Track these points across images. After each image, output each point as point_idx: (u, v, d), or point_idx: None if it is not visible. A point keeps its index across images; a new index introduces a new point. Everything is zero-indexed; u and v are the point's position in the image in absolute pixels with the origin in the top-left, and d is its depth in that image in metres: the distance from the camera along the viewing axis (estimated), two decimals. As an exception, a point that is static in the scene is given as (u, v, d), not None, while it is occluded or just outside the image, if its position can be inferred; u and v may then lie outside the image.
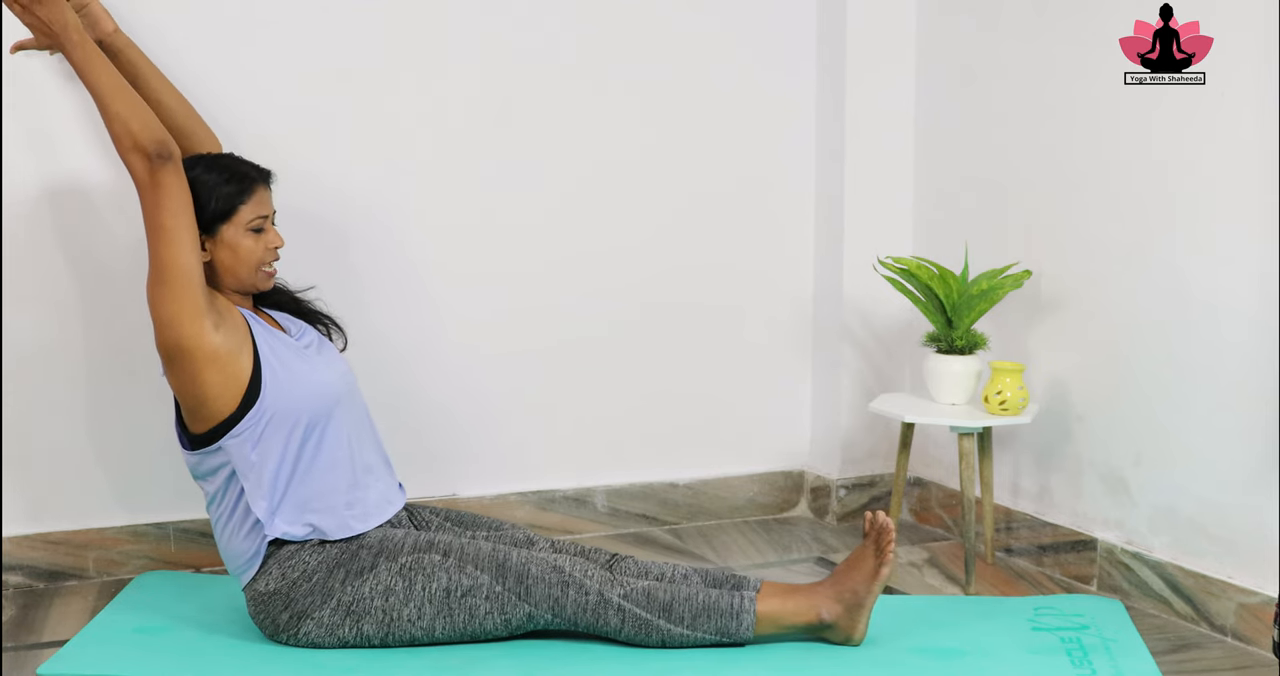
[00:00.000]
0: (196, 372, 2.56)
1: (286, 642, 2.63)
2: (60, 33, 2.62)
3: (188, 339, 2.55)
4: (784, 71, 3.69)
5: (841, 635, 2.63)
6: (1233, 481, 2.82)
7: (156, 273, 2.54)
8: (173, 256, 2.53)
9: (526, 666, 2.54)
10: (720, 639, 2.60)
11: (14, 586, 3.10)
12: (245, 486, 2.61)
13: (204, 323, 2.55)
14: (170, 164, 2.53)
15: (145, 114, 2.55)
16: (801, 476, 3.82)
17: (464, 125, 3.39)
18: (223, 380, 2.58)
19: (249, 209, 2.66)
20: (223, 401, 2.59)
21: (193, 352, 2.55)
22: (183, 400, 2.62)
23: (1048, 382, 3.27)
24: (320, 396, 2.67)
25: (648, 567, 2.73)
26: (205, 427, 2.61)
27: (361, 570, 2.59)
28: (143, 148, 2.52)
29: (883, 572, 2.59)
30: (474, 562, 2.59)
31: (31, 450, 3.11)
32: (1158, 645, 2.75)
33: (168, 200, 2.53)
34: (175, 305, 2.54)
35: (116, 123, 2.54)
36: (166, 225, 2.53)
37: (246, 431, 2.59)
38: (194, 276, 2.55)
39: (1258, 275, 2.73)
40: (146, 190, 2.53)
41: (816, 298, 3.78)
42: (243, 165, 2.69)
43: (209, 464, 2.64)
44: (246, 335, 2.63)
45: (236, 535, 2.63)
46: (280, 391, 2.62)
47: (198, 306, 2.55)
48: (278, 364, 2.64)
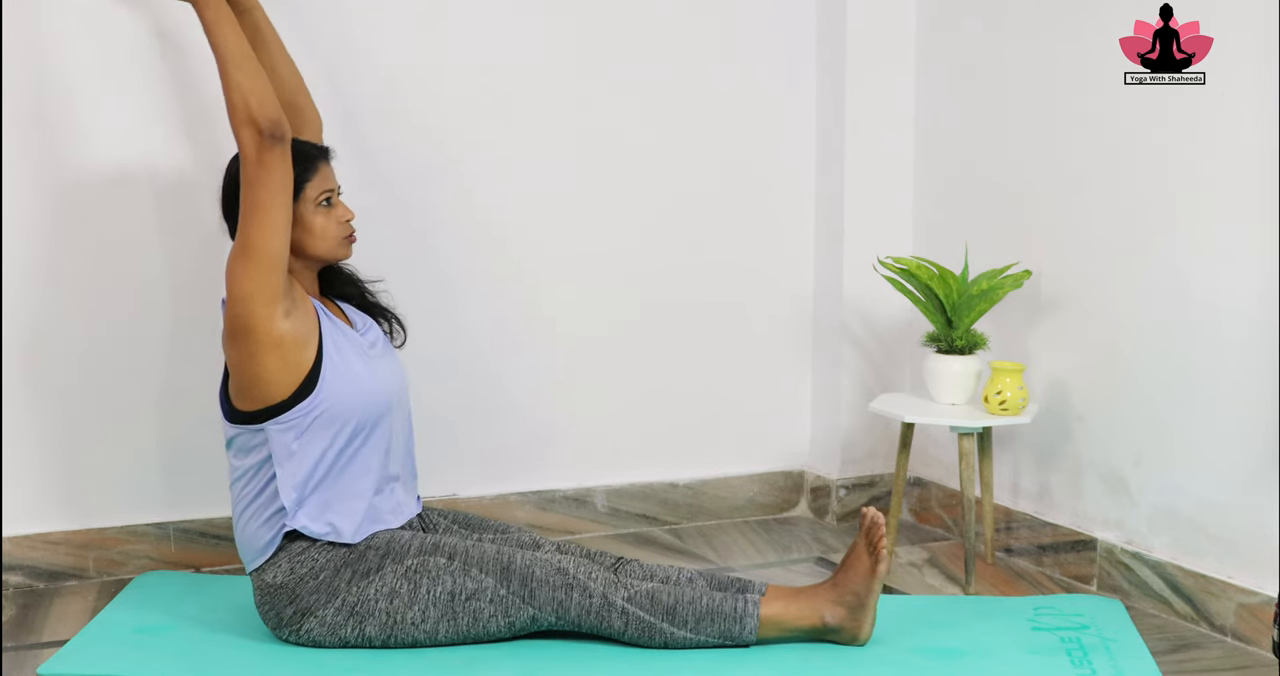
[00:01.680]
0: (258, 353, 2.55)
1: (287, 638, 2.63)
2: None
3: (258, 320, 2.54)
4: (784, 71, 3.69)
5: (847, 636, 2.63)
6: (1233, 481, 2.82)
7: (243, 249, 2.53)
8: (263, 237, 2.53)
9: (528, 666, 2.54)
10: (723, 642, 2.61)
11: (14, 586, 3.10)
12: (278, 473, 2.60)
13: (277, 307, 2.55)
14: (280, 146, 2.52)
15: (266, 89, 2.54)
16: (801, 476, 3.82)
17: (460, 125, 3.39)
18: (282, 366, 2.57)
19: (314, 185, 2.66)
20: (277, 387, 2.58)
21: (259, 334, 2.54)
22: (236, 376, 2.60)
23: (1048, 382, 3.27)
24: (374, 401, 2.67)
25: (653, 570, 2.73)
26: (252, 407, 2.60)
27: (368, 571, 2.59)
28: (257, 124, 2.50)
29: (879, 569, 2.59)
30: (479, 566, 2.59)
31: (31, 450, 3.11)
32: (1158, 645, 2.75)
33: (270, 180, 2.52)
34: (254, 284, 2.53)
35: (236, 92, 2.52)
36: (264, 205, 2.52)
37: (294, 421, 2.59)
38: (279, 260, 2.54)
39: (1258, 275, 2.73)
40: (251, 166, 2.52)
41: (816, 297, 3.78)
42: (301, 145, 2.68)
43: (246, 441, 2.64)
44: (315, 327, 2.63)
45: (256, 519, 2.63)
46: (337, 390, 2.62)
47: (275, 290, 2.54)
48: (340, 361, 2.64)
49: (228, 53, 2.56)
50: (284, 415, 2.59)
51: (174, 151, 3.15)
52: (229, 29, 2.58)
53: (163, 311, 3.20)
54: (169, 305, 3.20)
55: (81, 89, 3.08)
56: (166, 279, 3.19)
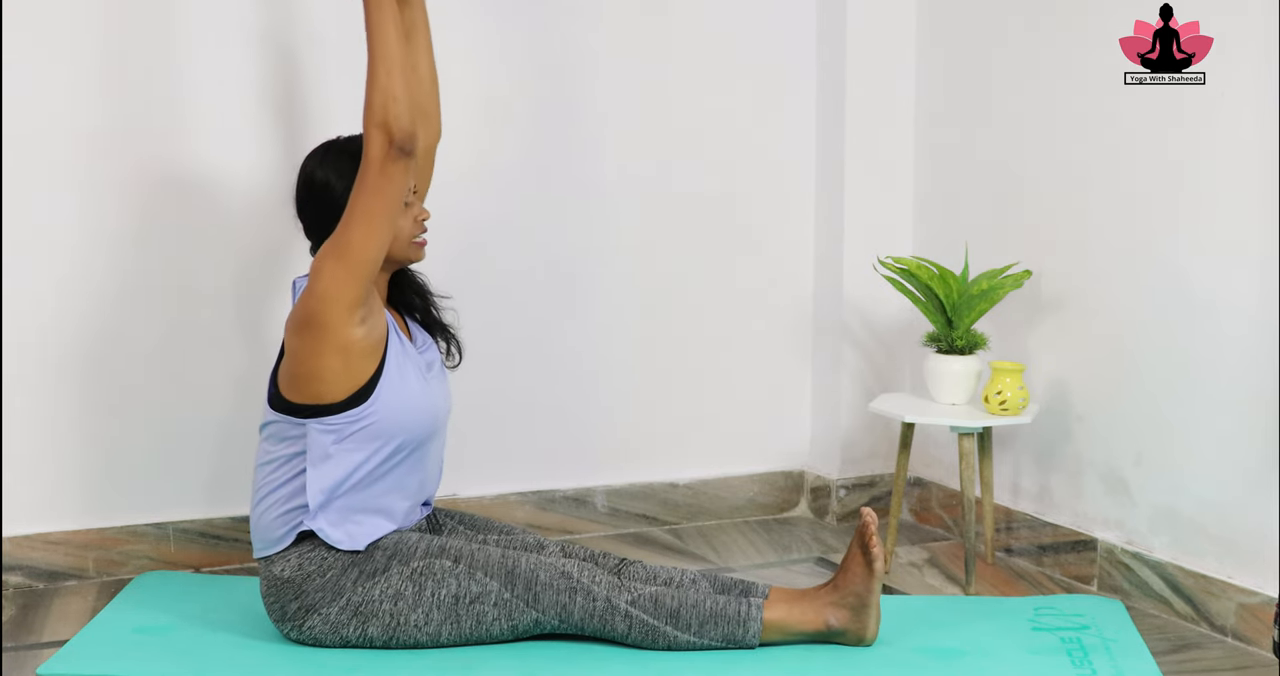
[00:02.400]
0: (323, 352, 2.54)
1: (289, 632, 2.62)
2: None
3: (333, 319, 2.51)
4: (784, 71, 3.69)
5: (853, 638, 2.63)
6: (1233, 481, 2.82)
7: (341, 249, 2.50)
8: (364, 243, 2.50)
9: (529, 667, 2.54)
10: (726, 645, 2.60)
11: (14, 586, 3.10)
12: (309, 472, 2.59)
13: (355, 314, 2.53)
14: (407, 159, 2.49)
15: (409, 99, 2.49)
16: (801, 476, 3.82)
17: (457, 124, 3.38)
18: (343, 370, 2.56)
19: None
20: (332, 389, 2.56)
21: (330, 334, 2.52)
22: (293, 365, 2.59)
23: (1048, 382, 3.27)
24: (423, 422, 2.67)
25: (655, 572, 2.73)
26: (300, 400, 2.59)
27: (374, 572, 2.58)
28: (390, 132, 2.47)
29: (876, 568, 2.59)
30: (484, 569, 2.59)
31: (31, 450, 3.11)
32: (1158, 645, 2.75)
33: (387, 190, 2.49)
34: (339, 286, 2.50)
35: (380, 95, 2.48)
36: (374, 212, 2.50)
37: (339, 426, 2.58)
38: (373, 268, 2.53)
39: (1258, 275, 2.73)
40: (372, 172, 2.49)
41: (817, 297, 3.78)
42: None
43: (283, 430, 2.63)
44: (383, 339, 2.61)
45: (275, 509, 2.62)
46: (390, 405, 2.60)
47: (359, 296, 2.52)
48: (399, 379, 2.62)
49: (384, 53, 2.49)
50: (331, 417, 2.58)
51: (197, 152, 3.16)
52: (392, 28, 2.51)
53: (166, 311, 3.19)
54: (171, 305, 3.20)
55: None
56: (163, 279, 3.19)
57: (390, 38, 2.50)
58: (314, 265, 2.55)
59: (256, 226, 3.23)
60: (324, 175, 2.64)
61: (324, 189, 2.63)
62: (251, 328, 3.27)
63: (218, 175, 3.20)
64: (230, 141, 3.19)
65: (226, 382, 3.25)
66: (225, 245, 3.23)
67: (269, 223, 3.22)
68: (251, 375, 3.26)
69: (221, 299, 3.24)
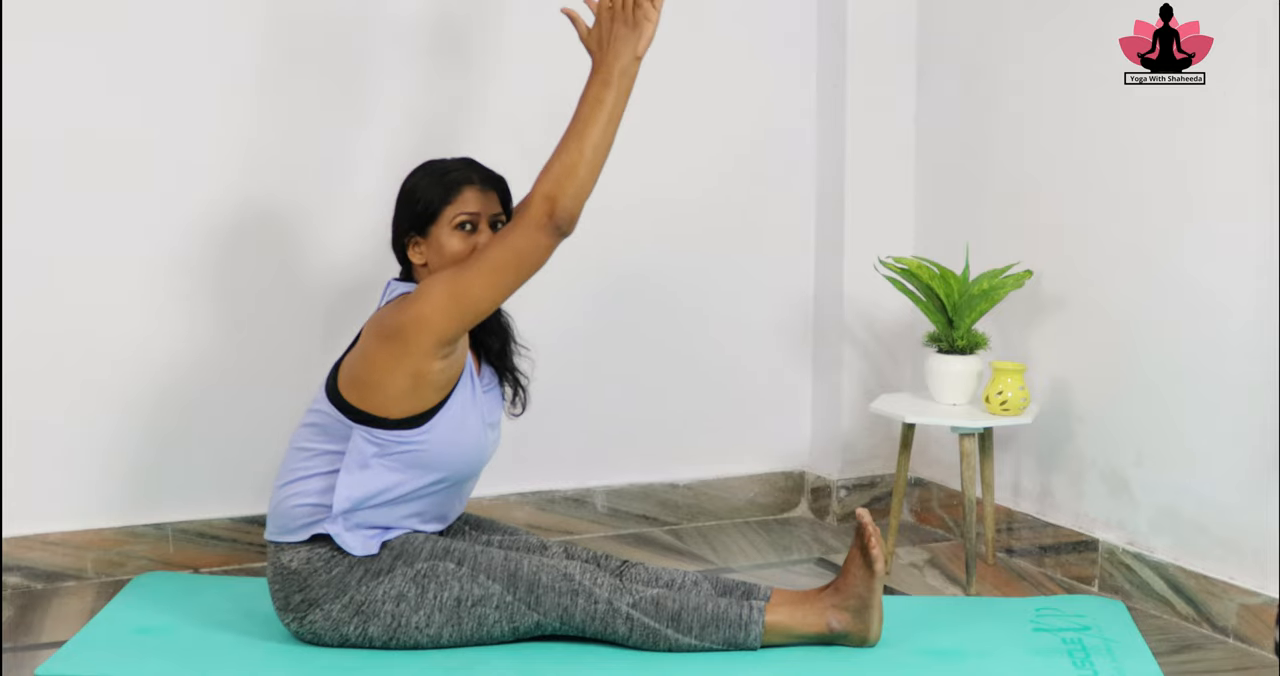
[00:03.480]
0: (395, 369, 2.52)
1: (289, 623, 2.62)
2: (623, 58, 2.53)
3: (420, 344, 2.50)
4: (785, 71, 3.69)
5: (856, 639, 2.63)
6: (1234, 482, 2.81)
7: (459, 289, 2.49)
8: (483, 294, 2.49)
9: (528, 668, 2.54)
10: (727, 648, 2.60)
11: (13, 587, 3.09)
12: (342, 476, 2.57)
13: (441, 349, 2.52)
14: (557, 238, 2.49)
15: (587, 186, 2.49)
16: (802, 477, 3.82)
17: (451, 123, 3.38)
18: (408, 393, 2.54)
19: (453, 208, 2.61)
20: (391, 405, 2.55)
21: (409, 355, 2.51)
22: (360, 369, 2.57)
23: (1049, 383, 3.26)
24: (467, 465, 2.66)
25: (657, 574, 2.73)
26: (354, 402, 2.57)
27: (379, 571, 2.58)
28: (555, 207, 2.46)
29: (877, 569, 2.58)
30: (486, 572, 2.59)
31: (30, 451, 3.11)
32: (1159, 646, 2.74)
33: (528, 258, 2.49)
34: (441, 318, 2.49)
35: (564, 168, 2.47)
36: (504, 268, 2.49)
37: (385, 442, 2.57)
38: (480, 319, 2.53)
39: (1259, 275, 2.73)
40: (519, 231, 2.48)
41: (817, 298, 3.78)
42: (455, 164, 2.66)
43: (328, 424, 2.61)
44: (455, 379, 2.60)
45: (298, 499, 2.60)
46: (440, 442, 2.59)
47: (454, 336, 2.52)
48: (459, 420, 2.61)
49: (589, 132, 2.49)
50: (379, 431, 2.56)
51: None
52: (609, 113, 2.51)
53: (169, 312, 3.19)
54: (177, 306, 3.20)
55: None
56: (174, 278, 3.19)
57: (602, 121, 2.51)
58: (425, 287, 2.52)
59: (251, 223, 3.24)
60: (403, 193, 2.64)
61: (398, 206, 2.64)
62: (252, 326, 3.26)
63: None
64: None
65: (226, 383, 3.25)
66: (207, 246, 3.23)
67: (265, 220, 3.22)
68: (251, 375, 3.26)
69: (224, 298, 3.23)
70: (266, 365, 3.27)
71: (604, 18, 2.56)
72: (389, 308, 2.58)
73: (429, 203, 2.61)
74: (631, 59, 2.53)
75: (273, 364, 3.28)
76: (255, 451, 3.27)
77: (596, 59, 2.56)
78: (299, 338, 3.29)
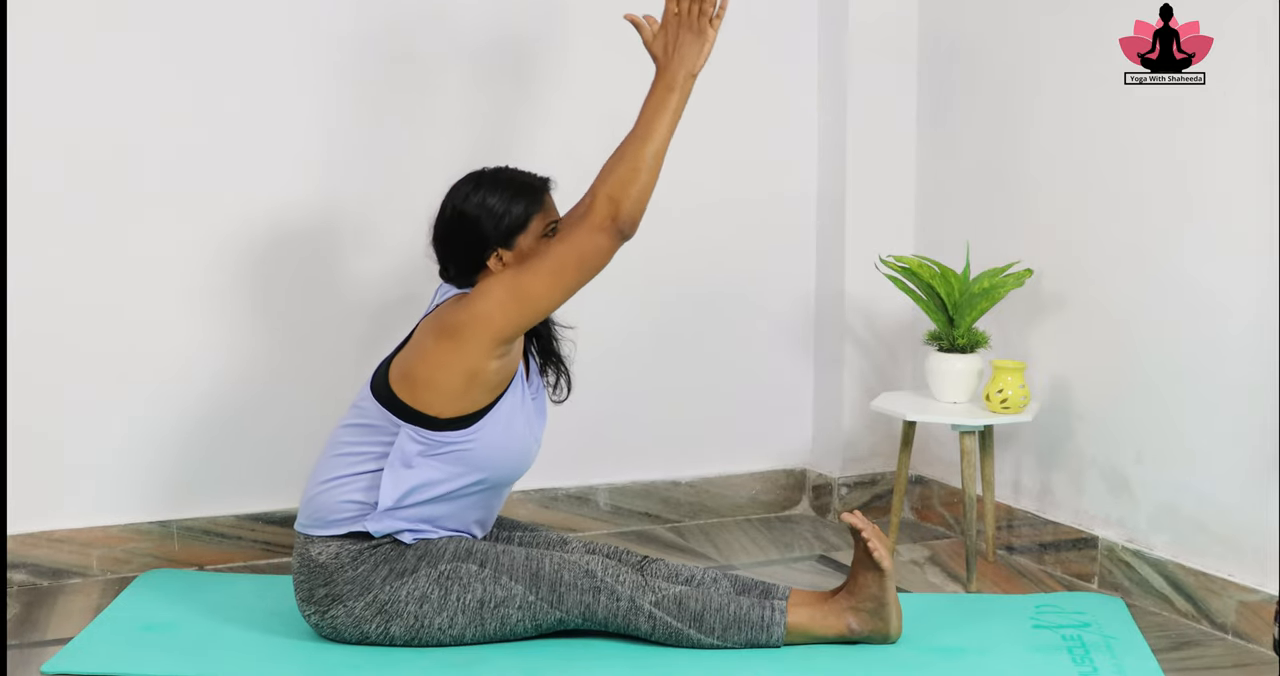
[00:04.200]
0: (451, 366, 2.54)
1: (310, 616, 2.62)
2: (687, 65, 2.58)
3: (477, 342, 2.52)
4: (786, 70, 3.70)
5: (879, 638, 2.64)
6: (1234, 479, 2.82)
7: (519, 294, 2.51)
8: (543, 295, 2.52)
9: (532, 665, 2.55)
10: (748, 647, 2.61)
11: (18, 584, 3.10)
12: (387, 474, 2.58)
13: (498, 348, 2.54)
14: (619, 241, 2.52)
15: (649, 190, 2.53)
16: (803, 475, 3.83)
17: (444, 124, 3.39)
18: (460, 392, 2.55)
19: (539, 219, 2.64)
20: (442, 404, 2.56)
21: (466, 353, 2.53)
22: (414, 365, 2.58)
23: (1049, 381, 3.27)
24: (511, 469, 2.68)
25: (678, 570, 2.74)
26: (406, 401, 2.58)
27: (404, 572, 2.58)
28: (619, 210, 2.50)
29: (885, 568, 2.60)
30: (509, 573, 2.59)
31: (36, 447, 3.11)
32: (1159, 642, 2.75)
33: (590, 260, 2.52)
34: (501, 317, 2.51)
35: (629, 171, 2.51)
36: (566, 269, 2.52)
37: (432, 442, 2.58)
38: (539, 319, 2.56)
39: (1259, 274, 2.74)
40: (583, 232, 2.51)
41: (818, 296, 3.79)
42: (525, 176, 2.67)
43: (377, 422, 2.61)
44: (508, 380, 2.62)
45: (342, 494, 2.60)
46: (487, 444, 2.61)
47: (512, 335, 2.54)
48: (508, 421, 2.63)
49: (654, 136, 2.53)
50: (426, 430, 2.57)
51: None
52: (673, 118, 2.56)
53: (172, 310, 3.20)
54: (176, 303, 3.21)
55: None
56: (191, 277, 3.20)
57: (665, 125, 2.55)
58: (485, 286, 2.54)
59: (277, 229, 3.25)
60: (474, 209, 2.62)
61: (474, 223, 2.62)
62: (265, 321, 3.27)
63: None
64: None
65: (233, 380, 3.26)
66: (219, 244, 3.24)
67: (289, 228, 3.24)
68: (257, 373, 3.27)
69: (235, 296, 3.24)
70: (275, 361, 3.28)
71: (670, 23, 2.60)
72: (448, 306, 2.60)
73: (517, 215, 2.61)
74: (689, 74, 2.59)
75: (284, 364, 3.29)
76: (260, 449, 3.28)
77: (661, 64, 2.60)
78: (309, 339, 3.30)
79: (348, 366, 3.27)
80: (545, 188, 2.69)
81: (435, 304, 2.70)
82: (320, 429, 3.28)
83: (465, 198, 2.64)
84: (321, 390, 3.29)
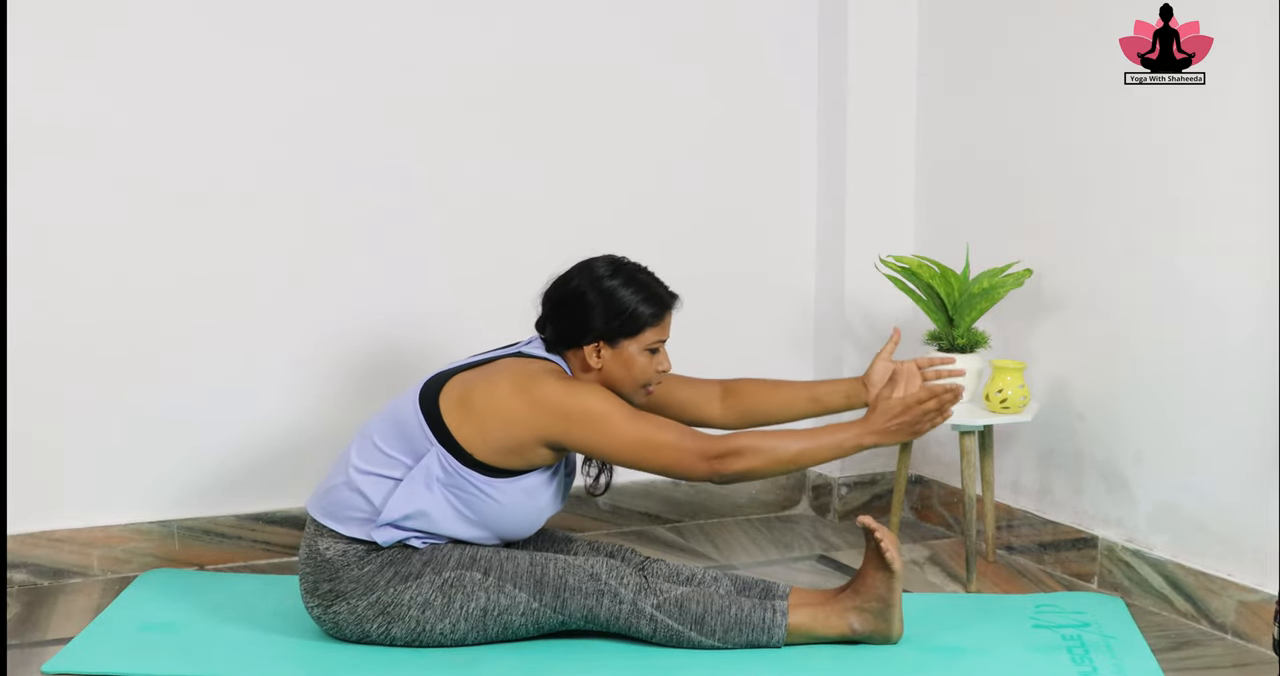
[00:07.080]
0: (509, 422, 2.55)
1: (313, 609, 2.62)
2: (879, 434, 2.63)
3: (544, 431, 2.55)
4: (786, 70, 3.70)
5: (879, 639, 2.64)
6: (1233, 479, 2.82)
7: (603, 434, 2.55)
8: (610, 453, 2.59)
9: (531, 665, 2.55)
10: (749, 648, 2.61)
11: (19, 584, 3.11)
12: (403, 487, 2.57)
13: (552, 450, 2.60)
14: (707, 481, 2.59)
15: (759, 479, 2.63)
16: (803, 474, 3.83)
17: (443, 125, 3.39)
18: (501, 449, 2.56)
19: (654, 332, 2.66)
20: (480, 445, 2.56)
21: (529, 425, 2.55)
22: (481, 398, 2.57)
23: (1048, 381, 3.28)
24: (514, 532, 2.68)
25: (678, 570, 2.74)
26: (448, 421, 2.57)
27: (408, 575, 2.58)
28: (726, 471, 2.56)
29: (896, 570, 2.59)
30: (513, 580, 2.59)
31: (36, 447, 3.11)
32: (1158, 642, 2.75)
33: (670, 468, 2.58)
34: (570, 440, 2.56)
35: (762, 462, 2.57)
36: (644, 457, 2.57)
37: (454, 474, 2.57)
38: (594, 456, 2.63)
39: (1258, 274, 2.74)
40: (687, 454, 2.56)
41: (818, 296, 3.79)
42: (659, 287, 2.69)
43: (412, 433, 2.59)
44: (548, 463, 2.64)
45: (355, 494, 2.60)
46: (504, 503, 2.61)
47: (568, 450, 2.61)
48: (532, 492, 2.64)
49: (805, 463, 2.61)
50: (457, 463, 2.57)
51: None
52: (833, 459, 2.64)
53: (172, 314, 3.20)
54: (179, 298, 3.21)
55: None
56: (191, 277, 3.20)
57: (824, 459, 2.62)
58: (589, 397, 2.55)
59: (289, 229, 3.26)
60: (599, 296, 2.64)
61: (592, 308, 2.64)
62: (269, 322, 3.27)
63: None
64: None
65: (234, 382, 3.26)
66: (219, 244, 3.24)
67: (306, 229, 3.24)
68: (257, 374, 3.27)
69: (235, 296, 3.25)
70: (273, 362, 3.28)
71: (904, 404, 2.63)
72: (541, 368, 2.61)
73: (636, 320, 2.63)
74: (877, 439, 2.63)
75: (284, 364, 3.29)
76: (260, 450, 3.28)
77: (869, 419, 2.63)
78: (308, 339, 3.31)
79: (348, 367, 3.27)
80: (671, 305, 2.70)
81: (521, 349, 2.69)
82: (320, 429, 3.30)
83: (598, 280, 2.66)
84: (322, 390, 3.29)
